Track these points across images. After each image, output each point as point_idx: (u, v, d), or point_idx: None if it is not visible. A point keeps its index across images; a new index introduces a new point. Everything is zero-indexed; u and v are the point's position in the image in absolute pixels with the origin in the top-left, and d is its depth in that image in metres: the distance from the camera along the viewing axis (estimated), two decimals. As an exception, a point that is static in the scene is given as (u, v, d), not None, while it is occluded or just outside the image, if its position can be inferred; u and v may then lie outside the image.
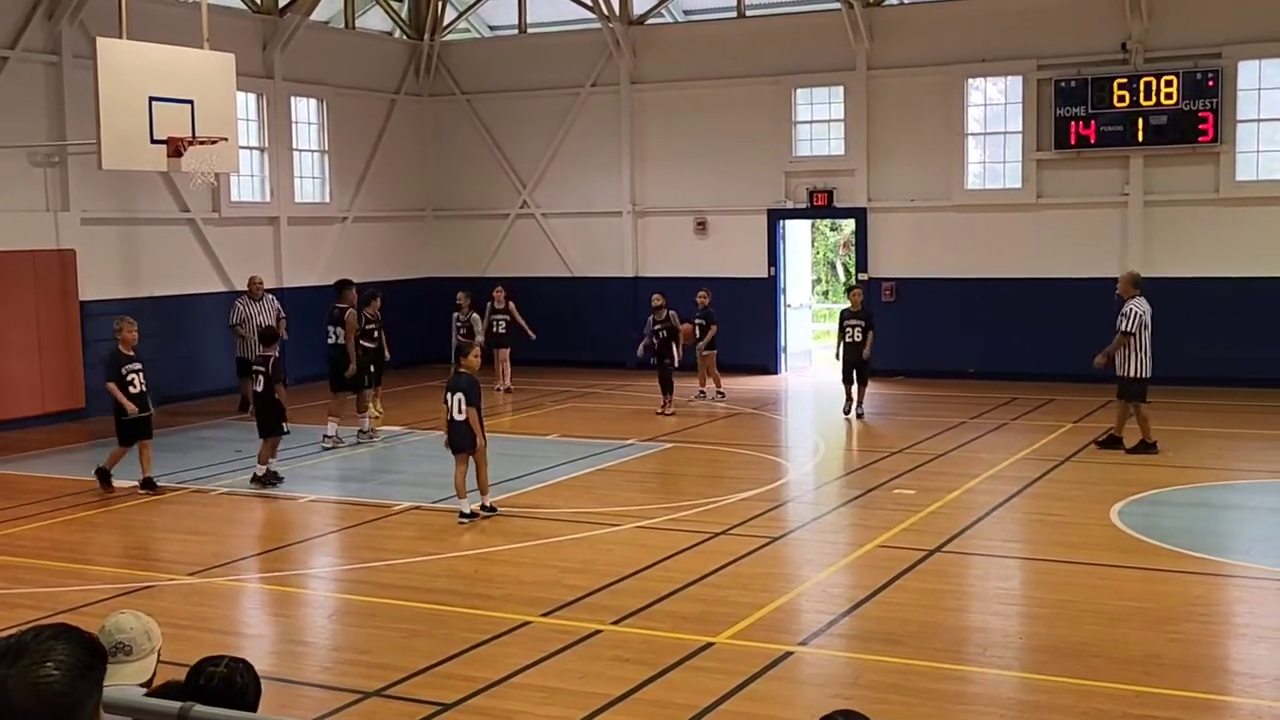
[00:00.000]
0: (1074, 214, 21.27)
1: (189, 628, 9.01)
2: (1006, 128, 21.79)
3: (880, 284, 22.61)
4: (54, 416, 18.34)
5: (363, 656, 8.67)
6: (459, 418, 12.21)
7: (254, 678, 4.12)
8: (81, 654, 2.52)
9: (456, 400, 12.21)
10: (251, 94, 21.70)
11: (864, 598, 9.64)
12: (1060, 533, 11.60)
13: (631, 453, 15.91)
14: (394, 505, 13.05)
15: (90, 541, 12.23)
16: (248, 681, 4.08)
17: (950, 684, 7.91)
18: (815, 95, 23.03)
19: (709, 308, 20.10)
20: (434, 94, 25.65)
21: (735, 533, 11.63)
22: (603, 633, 8.85)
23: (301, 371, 21.90)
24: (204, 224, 21.04)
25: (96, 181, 18.50)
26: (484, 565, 10.76)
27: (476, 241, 25.54)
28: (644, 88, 24.02)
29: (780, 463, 15.57)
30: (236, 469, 15.09)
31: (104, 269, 19.36)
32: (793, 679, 8.13)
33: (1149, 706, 7.40)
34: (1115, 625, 8.89)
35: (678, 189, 23.89)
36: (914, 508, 12.46)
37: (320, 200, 23.69)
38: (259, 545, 12.07)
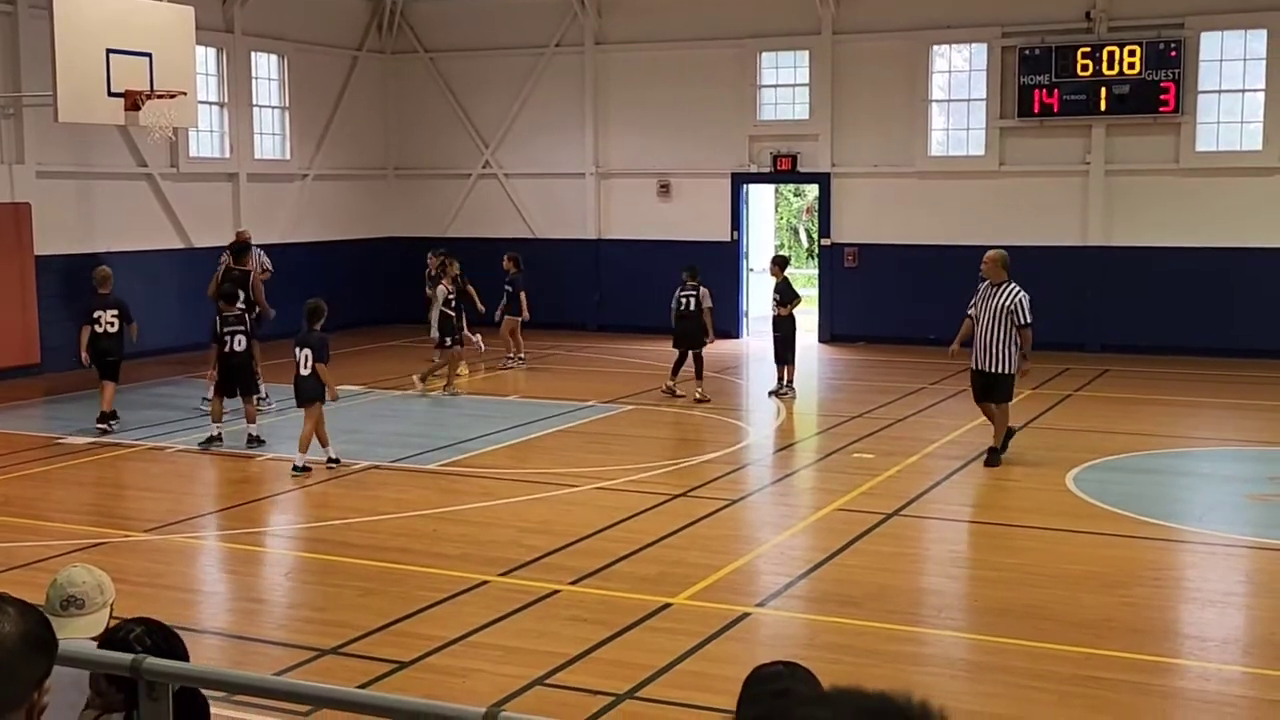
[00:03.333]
0: (1036, 182, 21.35)
1: (145, 585, 8.96)
2: (970, 95, 21.82)
3: (843, 249, 22.65)
4: (9, 372, 18.13)
5: (319, 614, 8.65)
6: (305, 372, 12.70)
7: (177, 642, 3.86)
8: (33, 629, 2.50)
9: (304, 355, 12.67)
10: (211, 48, 21.43)
11: (821, 560, 9.70)
12: (1015, 498, 11.70)
13: (591, 414, 15.91)
14: (353, 464, 13.00)
15: (46, 497, 12.12)
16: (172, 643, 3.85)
17: (905, 645, 7.98)
18: (780, 59, 22.96)
19: (518, 274, 19.43)
20: (396, 52, 25.41)
21: (695, 495, 11.67)
22: (561, 593, 8.87)
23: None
24: (162, 179, 20.81)
25: (53, 134, 18.24)
26: (442, 525, 10.75)
27: (438, 201, 25.38)
28: (608, 49, 23.89)
29: (741, 426, 15.61)
30: (194, 427, 14.98)
31: (60, 223, 19.11)
32: (749, 640, 8.18)
33: (1099, 668, 7.49)
34: (1068, 589, 8.99)
35: (641, 151, 23.81)
36: (872, 472, 12.53)
37: (280, 157, 23.46)
38: (216, 503, 12.01)
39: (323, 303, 13.18)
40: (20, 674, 2.45)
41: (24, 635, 2.45)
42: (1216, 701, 7.17)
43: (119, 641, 3.73)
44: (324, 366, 12.68)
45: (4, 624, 2.45)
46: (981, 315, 12.78)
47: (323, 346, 12.74)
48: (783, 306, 17.43)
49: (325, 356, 12.75)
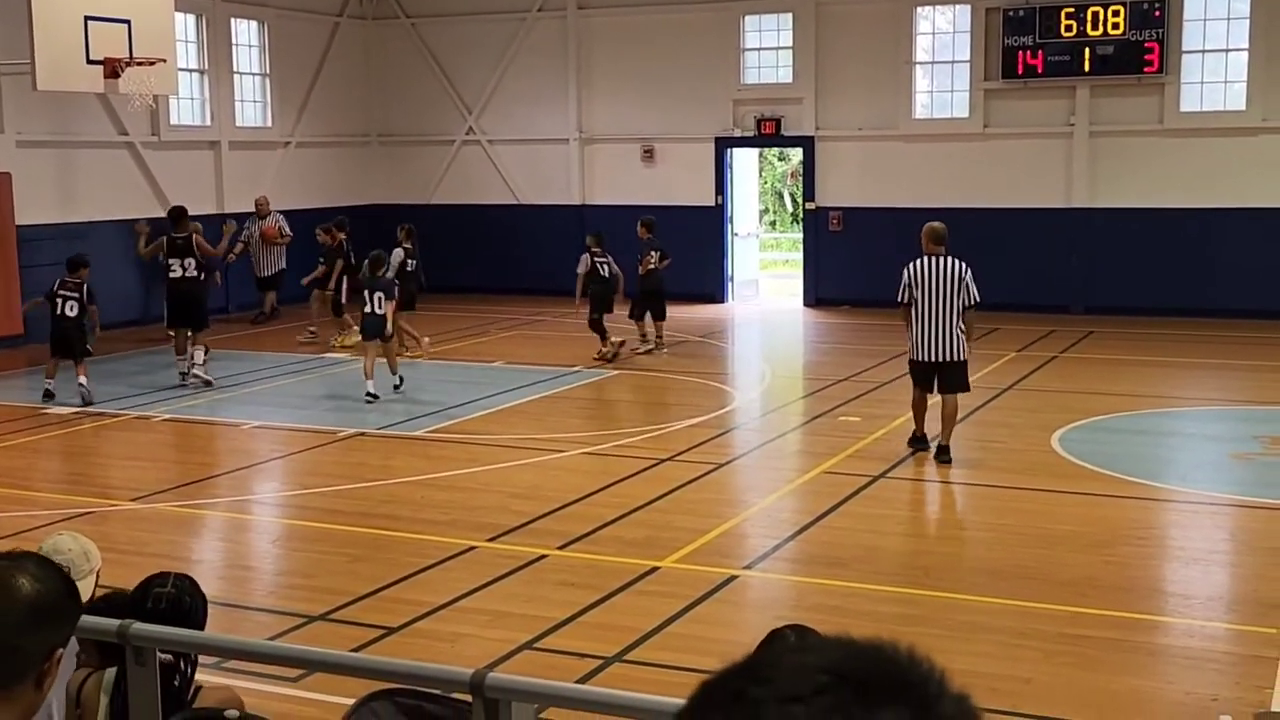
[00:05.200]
0: (1020, 144, 21.33)
1: (132, 553, 8.94)
2: (954, 57, 21.76)
3: (827, 213, 22.62)
4: (-9, 343, 18.04)
5: (307, 581, 8.67)
6: (380, 311, 14.57)
7: (200, 595, 4.12)
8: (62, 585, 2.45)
9: (377, 297, 14.57)
10: (190, 14, 21.24)
11: (808, 522, 9.73)
12: (1002, 458, 11.74)
13: (578, 379, 15.90)
14: (339, 431, 12.99)
15: (32, 467, 12.10)
16: (195, 599, 4.07)
17: (892, 606, 8.01)
18: (764, 22, 22.84)
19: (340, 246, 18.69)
20: (378, 18, 25.22)
21: (681, 459, 11.68)
22: (549, 557, 8.89)
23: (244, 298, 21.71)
24: (143, 147, 20.66)
25: (32, 103, 18.08)
26: (429, 491, 10.75)
27: (422, 168, 25.26)
28: (591, 13, 23.74)
29: (726, 390, 15.63)
30: (181, 394, 14.95)
31: (40, 193, 18.97)
32: (737, 602, 8.22)
33: (1085, 626, 7.54)
34: (1053, 548, 9.04)
35: (625, 116, 23.70)
36: (859, 434, 12.55)
37: (262, 124, 23.31)
38: (202, 471, 11.98)
39: (384, 253, 15.42)
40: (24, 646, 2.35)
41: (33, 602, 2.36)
42: (1200, 658, 7.22)
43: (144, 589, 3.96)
44: (391, 306, 14.71)
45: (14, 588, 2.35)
46: (927, 296, 11.18)
47: (390, 289, 14.82)
48: (663, 260, 17.65)
49: (393, 296, 14.85)
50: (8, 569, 2.38)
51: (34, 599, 2.36)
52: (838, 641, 1.17)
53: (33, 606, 2.36)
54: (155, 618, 3.89)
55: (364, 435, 12.91)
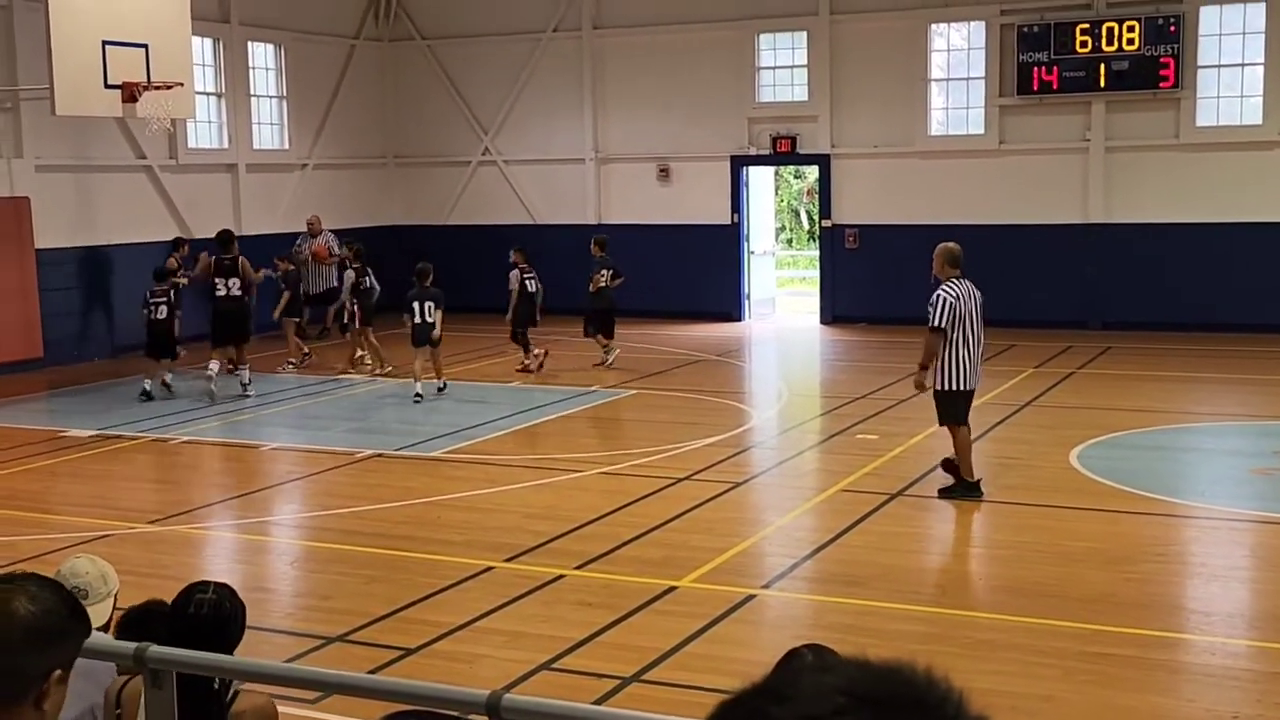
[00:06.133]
0: (1036, 160, 21.31)
1: (149, 575, 8.94)
2: (970, 74, 21.76)
3: (844, 231, 22.62)
4: (12, 366, 18.12)
5: (325, 602, 8.67)
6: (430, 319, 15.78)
7: (240, 602, 4.18)
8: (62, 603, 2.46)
9: (427, 306, 15.86)
10: (207, 39, 21.39)
11: (826, 541, 9.71)
12: (1020, 476, 11.70)
13: (595, 399, 15.91)
14: (356, 452, 13.01)
15: (50, 490, 12.14)
16: (235, 606, 4.13)
17: (910, 624, 7.99)
18: (779, 41, 22.90)
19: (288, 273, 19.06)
20: (394, 39, 25.35)
21: (699, 478, 11.67)
22: (566, 577, 8.88)
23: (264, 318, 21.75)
24: (161, 171, 20.78)
25: (50, 127, 18.19)
26: (446, 511, 10.76)
27: (438, 189, 25.35)
28: (606, 33, 23.83)
29: (743, 409, 15.61)
30: (200, 416, 15.01)
31: (59, 217, 19.10)
32: (755, 621, 8.19)
33: (1105, 644, 7.50)
34: (1072, 565, 9.00)
35: (640, 136, 23.76)
36: (876, 453, 12.52)
37: (279, 147, 23.43)
38: (220, 493, 12.02)
39: (429, 265, 16.50)
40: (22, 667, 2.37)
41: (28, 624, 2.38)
42: (1221, 675, 7.18)
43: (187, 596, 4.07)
44: (440, 314, 15.90)
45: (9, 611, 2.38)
46: (966, 321, 10.70)
47: (440, 299, 16.11)
48: (615, 279, 18.04)
49: (442, 304, 16.14)
50: (6, 591, 2.40)
51: (30, 621, 2.39)
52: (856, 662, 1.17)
53: (29, 628, 2.38)
54: (197, 623, 3.95)
55: (381, 456, 12.93)
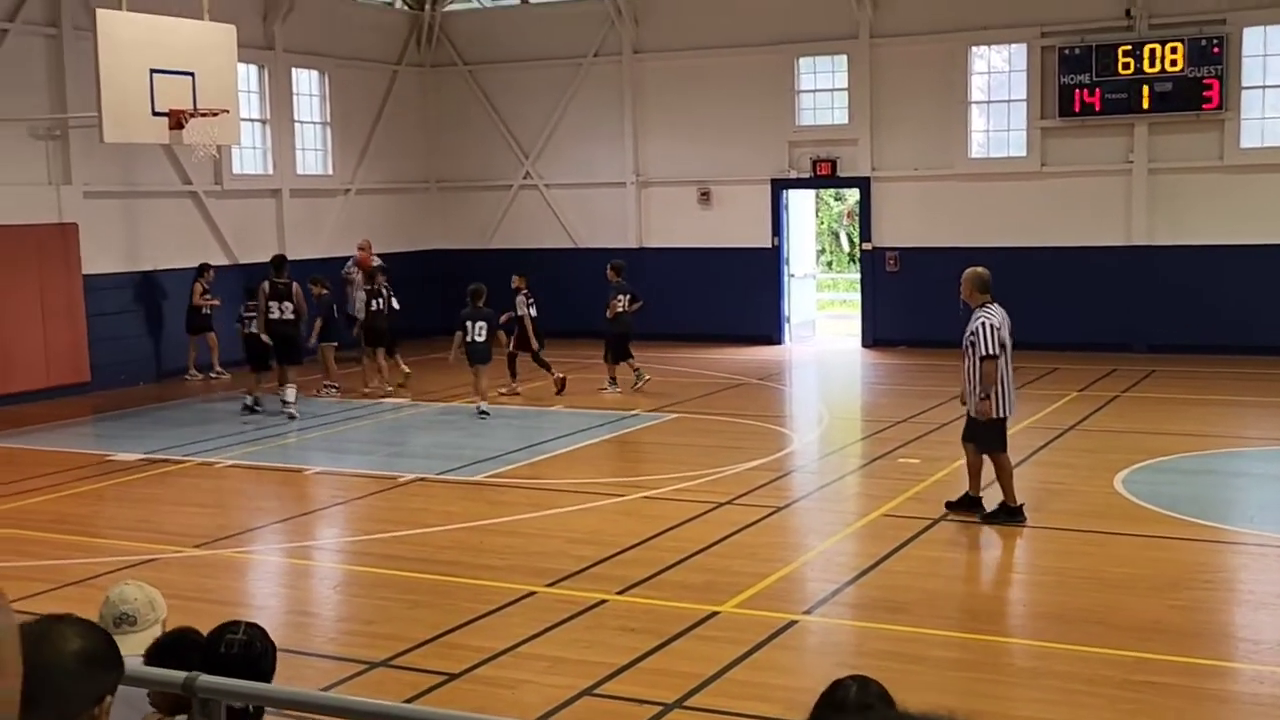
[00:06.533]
0: (1078, 182, 21.21)
1: (195, 599, 9.03)
2: (1010, 96, 21.70)
3: (884, 254, 22.58)
4: (59, 390, 18.35)
5: (368, 627, 8.71)
6: (480, 339, 16.39)
7: (270, 642, 4.21)
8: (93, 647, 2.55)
9: (480, 326, 16.43)
10: (252, 66, 21.64)
11: (868, 566, 9.67)
12: (1064, 501, 11.61)
13: (636, 423, 15.92)
14: (399, 477, 13.08)
15: (97, 514, 12.27)
16: (265, 646, 4.17)
17: (952, 651, 7.94)
18: (818, 64, 22.93)
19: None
20: (436, 65, 25.56)
21: (740, 503, 11.65)
22: (608, 603, 8.88)
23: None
24: (206, 197, 21.02)
25: (98, 154, 18.46)
26: (489, 536, 10.79)
27: (480, 213, 25.50)
28: (646, 57, 23.93)
29: (784, 433, 15.58)
30: (243, 440, 15.13)
31: (106, 242, 19.34)
32: (797, 647, 8.17)
33: (1150, 672, 7.42)
34: (1117, 592, 8.92)
35: (681, 159, 23.83)
36: (918, 477, 12.47)
37: (323, 172, 23.65)
38: (264, 517, 12.11)
39: (482, 285, 17.00)
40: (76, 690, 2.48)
41: (80, 653, 2.49)
42: (1270, 704, 7.09)
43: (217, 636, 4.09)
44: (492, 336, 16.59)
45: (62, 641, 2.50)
46: (1007, 347, 10.73)
47: (494, 319, 16.78)
48: (633, 304, 18.20)
49: (497, 326, 16.85)
50: (53, 623, 2.55)
51: (81, 649, 2.52)
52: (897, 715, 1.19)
53: (80, 655, 2.52)
54: (227, 662, 3.98)
55: (424, 480, 12.99)
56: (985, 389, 10.58)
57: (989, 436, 10.76)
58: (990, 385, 10.54)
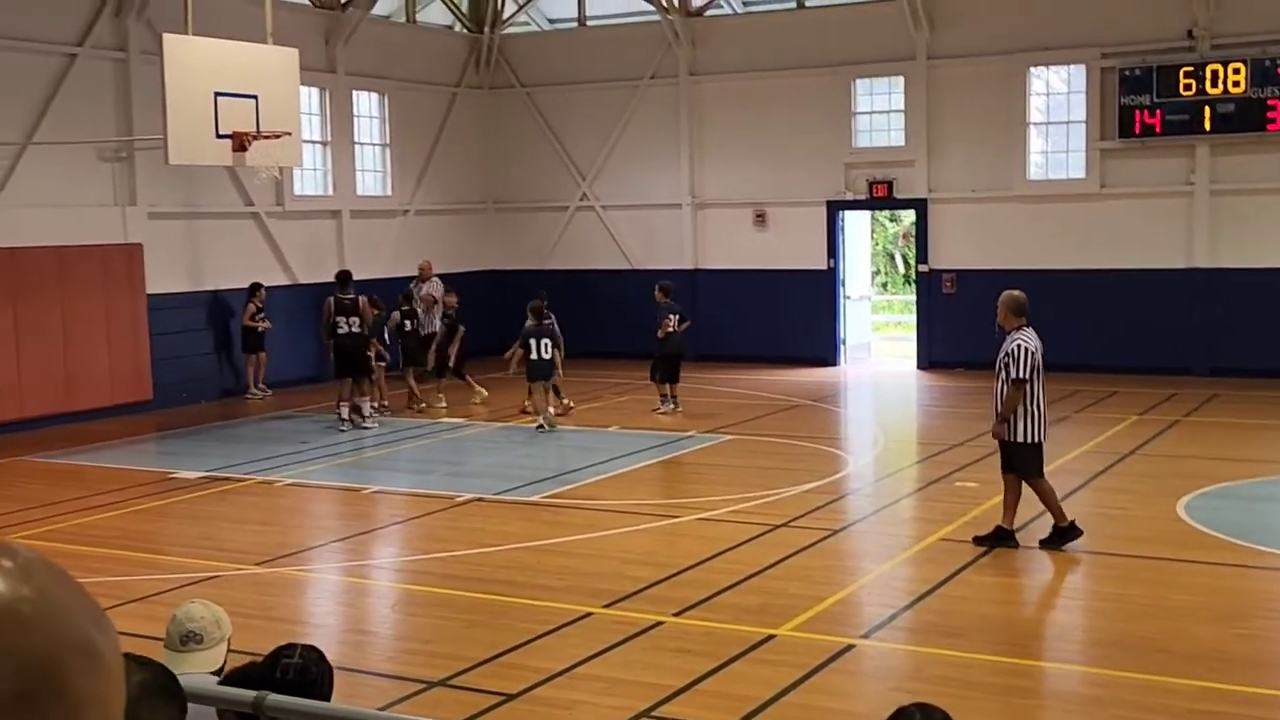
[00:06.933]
0: (1139, 204, 21.02)
1: (256, 617, 9.13)
2: (1070, 117, 21.57)
3: (940, 275, 22.47)
4: (122, 408, 18.62)
5: (426, 646, 8.76)
6: (546, 356, 16.80)
7: (327, 665, 4.25)
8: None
9: (544, 342, 16.87)
10: (314, 88, 21.90)
11: (925, 591, 9.61)
12: (1124, 526, 11.50)
13: (692, 445, 15.93)
14: (457, 496, 13.16)
15: (160, 531, 12.43)
16: (322, 669, 4.21)
17: (1012, 678, 7.88)
18: (875, 86, 22.91)
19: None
20: (494, 87, 25.76)
21: (796, 525, 11.63)
22: (665, 624, 8.89)
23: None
24: (268, 217, 21.28)
25: (163, 176, 18.73)
26: (546, 556, 10.83)
27: (537, 234, 25.64)
28: (702, 79, 24.00)
29: (840, 455, 15.54)
30: (303, 459, 15.29)
31: (170, 263, 19.63)
32: (854, 672, 8.14)
33: (1215, 702, 7.33)
34: (1181, 620, 8.81)
35: (737, 181, 23.86)
36: (975, 501, 12.38)
37: (382, 193, 23.89)
38: (324, 536, 12.22)
39: (544, 302, 17.46)
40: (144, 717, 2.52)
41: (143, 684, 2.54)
42: (1339, 737, 6.98)
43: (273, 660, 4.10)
44: (558, 351, 16.99)
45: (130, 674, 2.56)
46: (1042, 372, 10.76)
47: (555, 335, 17.18)
48: (682, 323, 18.25)
49: (560, 342, 17.20)
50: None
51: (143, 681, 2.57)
52: None
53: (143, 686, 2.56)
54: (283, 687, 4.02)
55: (481, 500, 13.06)
56: (1005, 411, 10.53)
57: (1027, 462, 10.66)
58: (1012, 409, 10.48)
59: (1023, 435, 10.58)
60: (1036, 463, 10.71)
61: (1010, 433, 10.60)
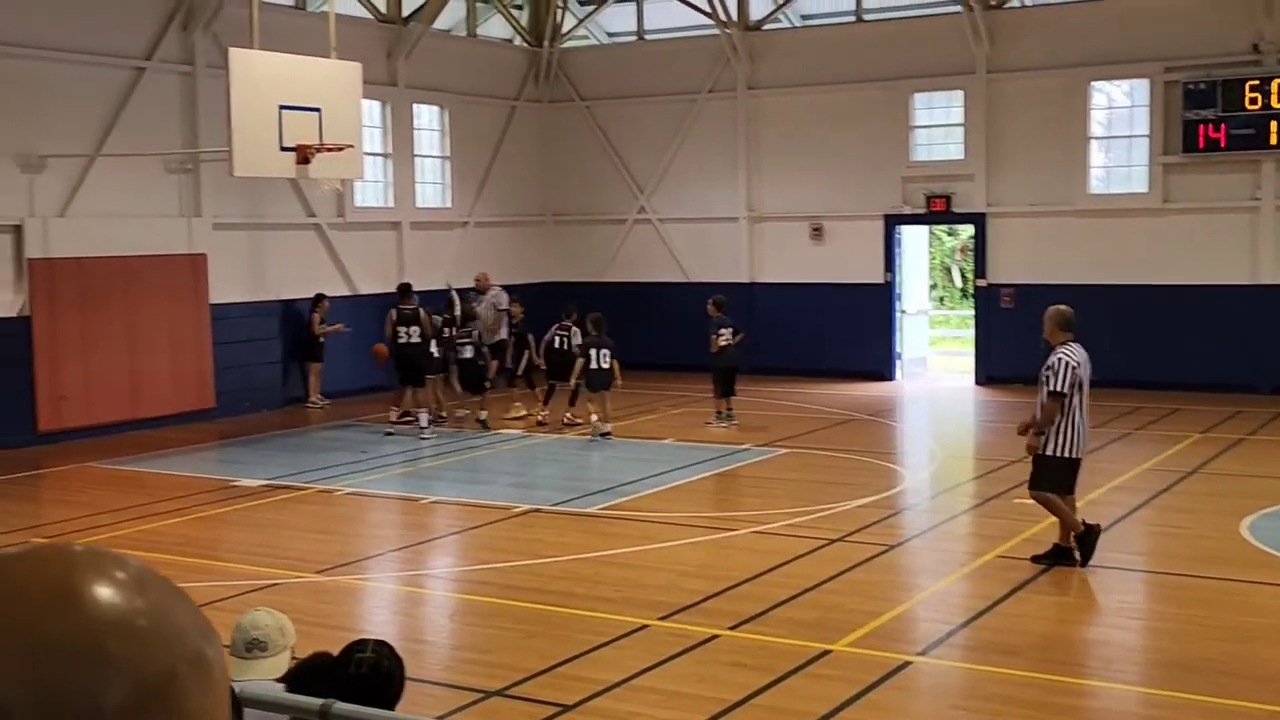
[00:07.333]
0: (1202, 219, 20.79)
1: (315, 625, 9.21)
2: (1132, 131, 21.38)
3: (999, 290, 22.33)
4: (186, 416, 18.88)
5: (483, 656, 8.82)
6: (605, 366, 17.05)
7: (398, 660, 4.34)
8: None
9: (603, 353, 17.08)
10: (376, 101, 22.12)
11: (983, 608, 9.55)
12: (1187, 546, 11.37)
13: (747, 458, 15.92)
14: (515, 507, 13.23)
15: (221, 538, 12.59)
16: (393, 664, 4.30)
17: (1071, 698, 7.82)
18: (934, 100, 22.82)
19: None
20: (553, 100, 25.91)
21: (852, 539, 11.60)
22: (720, 638, 8.90)
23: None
24: (329, 229, 21.51)
25: (227, 187, 19.00)
26: (602, 568, 10.87)
27: (595, 246, 25.73)
28: (760, 93, 24.01)
29: (896, 470, 15.47)
30: (362, 468, 15.43)
31: (233, 272, 19.88)
32: (911, 689, 8.10)
33: (1280, 726, 7.24)
34: (1246, 642, 8.70)
35: (794, 194, 23.84)
36: (1033, 518, 12.24)
37: (442, 205, 24.08)
38: (382, 545, 12.33)
39: (602, 314, 17.70)
40: None
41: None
42: (1406, 762, 6.87)
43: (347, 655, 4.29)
44: (616, 361, 17.15)
45: None
46: (1083, 387, 10.53)
47: (614, 347, 17.32)
48: (736, 337, 18.24)
49: (616, 354, 17.35)
50: None
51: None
52: None
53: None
54: (356, 681, 4.11)
55: (538, 511, 13.12)
56: (1042, 424, 10.42)
57: (1052, 475, 10.51)
58: (1049, 422, 10.38)
59: (1054, 449, 10.44)
60: (1057, 477, 10.52)
61: (1043, 445, 10.49)
